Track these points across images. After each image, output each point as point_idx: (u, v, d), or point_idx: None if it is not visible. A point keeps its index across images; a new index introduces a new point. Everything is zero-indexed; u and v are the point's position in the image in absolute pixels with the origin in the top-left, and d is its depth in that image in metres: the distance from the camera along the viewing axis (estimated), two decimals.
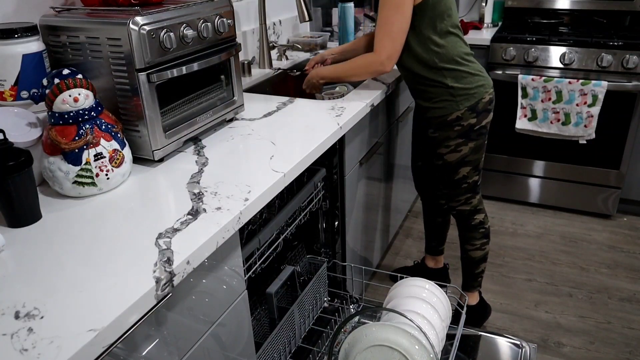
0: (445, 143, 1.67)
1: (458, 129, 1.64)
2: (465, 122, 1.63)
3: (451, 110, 1.62)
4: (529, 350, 1.48)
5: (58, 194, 1.09)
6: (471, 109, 1.62)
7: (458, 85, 1.59)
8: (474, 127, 1.64)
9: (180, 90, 1.29)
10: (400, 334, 1.15)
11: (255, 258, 1.24)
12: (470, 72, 1.62)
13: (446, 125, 1.65)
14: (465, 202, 1.78)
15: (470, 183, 1.74)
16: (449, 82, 1.59)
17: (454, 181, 1.74)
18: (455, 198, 1.79)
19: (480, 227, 1.83)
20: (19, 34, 1.08)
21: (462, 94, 1.60)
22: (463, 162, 1.69)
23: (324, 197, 1.63)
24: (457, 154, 1.68)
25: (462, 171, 1.71)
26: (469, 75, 1.61)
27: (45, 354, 0.66)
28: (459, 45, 1.60)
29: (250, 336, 1.16)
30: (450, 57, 1.58)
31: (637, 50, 2.32)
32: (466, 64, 1.61)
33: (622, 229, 2.61)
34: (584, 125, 2.45)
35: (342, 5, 2.33)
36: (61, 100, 1.03)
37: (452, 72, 1.59)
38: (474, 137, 1.66)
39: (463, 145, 1.66)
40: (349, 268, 1.76)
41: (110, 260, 0.86)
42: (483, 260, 1.88)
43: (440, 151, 1.70)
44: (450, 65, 1.58)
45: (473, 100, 1.62)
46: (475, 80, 1.62)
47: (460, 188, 1.75)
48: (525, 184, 2.78)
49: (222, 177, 1.14)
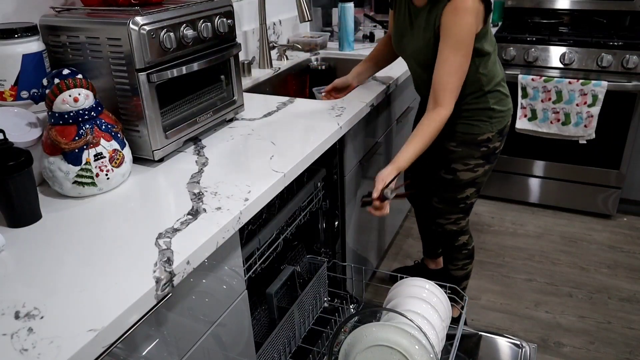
0: (466, 161, 1.61)
1: (484, 150, 1.59)
2: (492, 145, 1.59)
3: (484, 130, 1.57)
4: (529, 350, 1.48)
5: (58, 194, 1.09)
6: (500, 132, 1.59)
7: (497, 108, 1.56)
8: (495, 151, 1.62)
9: (180, 90, 1.29)
10: (400, 334, 1.15)
11: (255, 258, 1.24)
12: (506, 93, 1.60)
13: (473, 144, 1.59)
14: (455, 221, 1.73)
15: (468, 204, 1.70)
16: (490, 104, 1.55)
17: (455, 199, 1.68)
18: (446, 215, 1.73)
19: (463, 248, 1.79)
20: (19, 34, 1.08)
21: (498, 116, 1.57)
22: (473, 183, 1.65)
23: (324, 197, 1.63)
24: (472, 173, 1.62)
25: (468, 191, 1.66)
26: (505, 97, 1.59)
27: (45, 354, 0.66)
28: (500, 67, 1.59)
29: (250, 336, 1.16)
30: (495, 80, 1.55)
31: (637, 50, 2.32)
32: (504, 86, 1.59)
33: (622, 229, 2.61)
34: (584, 125, 2.45)
35: (342, 5, 2.33)
36: (61, 100, 1.03)
37: (495, 94, 1.55)
38: (492, 160, 1.63)
39: (481, 166, 1.62)
40: (349, 268, 1.76)
41: (110, 260, 0.86)
42: (465, 279, 1.87)
43: (456, 167, 1.62)
44: (495, 88, 1.55)
45: (504, 124, 1.59)
46: (508, 103, 1.60)
47: (457, 207, 1.70)
48: (525, 183, 2.78)
49: (222, 177, 1.14)
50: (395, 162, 1.41)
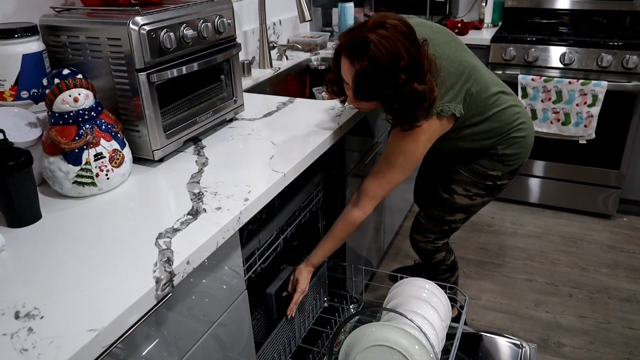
0: (467, 187, 1.53)
1: (489, 184, 1.52)
2: (499, 182, 1.52)
3: (495, 168, 1.49)
4: (529, 350, 1.48)
5: (58, 194, 1.09)
6: (512, 172, 1.52)
7: (509, 152, 1.46)
8: (501, 187, 1.54)
9: (180, 90, 1.29)
10: (400, 334, 1.15)
11: (255, 258, 1.24)
12: (522, 135, 1.46)
13: (480, 176, 1.51)
14: (433, 241, 1.68)
15: (452, 228, 1.65)
16: (499, 151, 1.45)
17: (442, 219, 1.62)
18: (425, 233, 1.67)
19: (441, 264, 1.74)
20: (19, 34, 1.08)
21: (512, 159, 1.48)
22: (466, 210, 1.59)
23: (324, 197, 1.63)
24: (470, 200, 1.56)
25: (457, 216, 1.61)
26: (521, 139, 1.46)
27: (45, 354, 0.66)
28: (508, 109, 1.43)
29: (250, 336, 1.16)
30: (502, 130, 1.43)
31: (637, 50, 2.32)
32: (518, 125, 1.45)
33: (622, 229, 2.61)
34: (584, 125, 2.45)
35: (342, 5, 2.33)
36: (61, 100, 1.03)
37: (503, 140, 1.44)
38: (494, 194, 1.57)
39: (480, 197, 1.55)
40: (349, 268, 1.76)
41: (110, 260, 0.86)
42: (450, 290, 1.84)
43: (456, 189, 1.54)
44: (503, 137, 1.44)
45: (517, 164, 1.51)
46: (525, 143, 1.48)
47: (440, 227, 1.64)
48: (525, 184, 2.78)
49: (222, 177, 1.14)
50: (309, 261, 1.45)
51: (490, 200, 1.59)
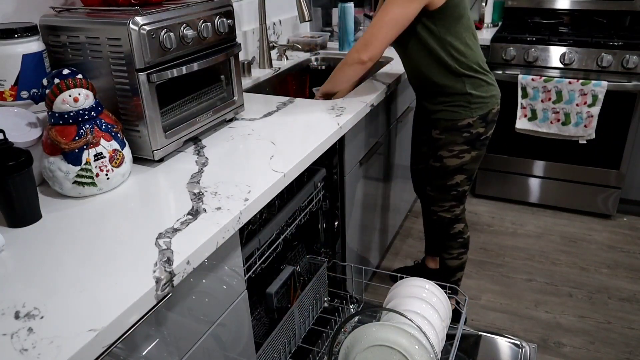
0: (450, 147, 1.66)
1: (466, 136, 1.63)
2: (474, 130, 1.62)
3: (464, 116, 1.61)
4: (529, 350, 1.48)
5: (58, 194, 1.09)
6: (482, 118, 1.61)
7: (475, 93, 1.59)
8: (480, 136, 1.64)
9: (180, 90, 1.29)
10: (400, 334, 1.15)
11: (255, 258, 1.24)
12: (487, 81, 1.62)
13: (455, 130, 1.63)
14: (449, 209, 1.77)
15: (459, 191, 1.73)
16: (467, 89, 1.58)
17: (445, 186, 1.73)
18: (439, 203, 1.77)
19: (459, 236, 1.82)
20: (19, 34, 1.08)
21: (478, 102, 1.60)
22: (461, 170, 1.69)
23: (324, 197, 1.63)
24: (458, 160, 1.67)
25: (457, 178, 1.70)
26: (485, 84, 1.61)
27: (45, 354, 0.66)
28: (478, 53, 1.60)
29: (250, 336, 1.16)
30: (471, 64, 1.57)
31: (637, 50, 2.32)
32: (484, 72, 1.61)
33: (622, 229, 2.61)
34: (584, 125, 2.45)
35: (342, 5, 2.33)
36: (61, 100, 1.03)
37: (471, 79, 1.58)
38: (478, 147, 1.66)
39: (466, 152, 1.65)
40: (349, 268, 1.76)
41: (110, 260, 0.86)
42: (459, 269, 1.88)
43: (442, 154, 1.68)
44: (471, 72, 1.58)
45: (485, 110, 1.61)
46: (490, 90, 1.62)
47: (449, 194, 1.74)
48: (525, 184, 2.78)
49: (222, 177, 1.14)
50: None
51: (479, 155, 1.69)
